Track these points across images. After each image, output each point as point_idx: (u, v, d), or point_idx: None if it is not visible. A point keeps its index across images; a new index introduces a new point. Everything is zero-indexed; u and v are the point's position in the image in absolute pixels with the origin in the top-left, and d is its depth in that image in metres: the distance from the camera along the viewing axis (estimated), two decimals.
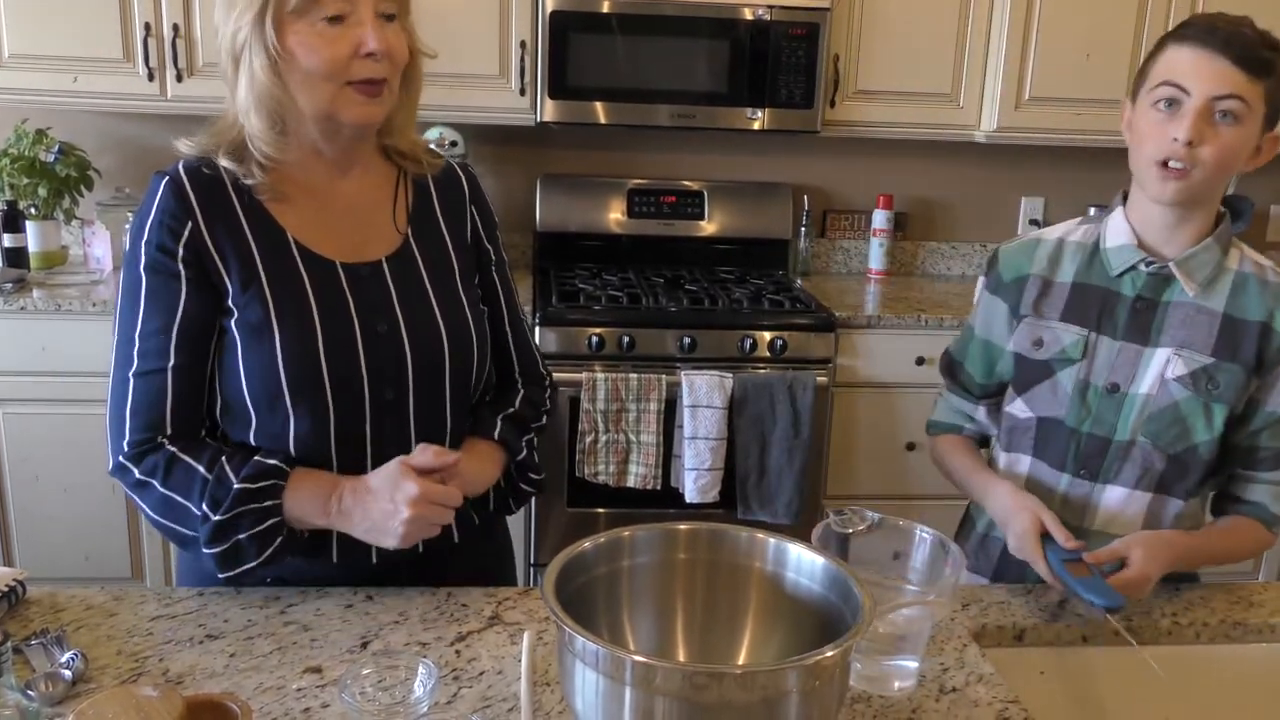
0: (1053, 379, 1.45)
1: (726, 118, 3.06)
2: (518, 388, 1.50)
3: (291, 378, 1.27)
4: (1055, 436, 1.46)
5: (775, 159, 3.48)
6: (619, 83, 3.00)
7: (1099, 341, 1.43)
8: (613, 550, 1.09)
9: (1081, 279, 1.46)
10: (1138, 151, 1.37)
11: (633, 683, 0.90)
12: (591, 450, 2.79)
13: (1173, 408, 1.40)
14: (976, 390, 1.59)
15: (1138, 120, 1.38)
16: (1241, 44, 1.29)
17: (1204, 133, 1.30)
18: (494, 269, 1.48)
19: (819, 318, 2.92)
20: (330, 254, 1.32)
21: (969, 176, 3.52)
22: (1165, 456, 1.42)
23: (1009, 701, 1.15)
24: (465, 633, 1.24)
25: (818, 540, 1.18)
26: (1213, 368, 1.39)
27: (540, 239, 3.36)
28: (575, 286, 3.04)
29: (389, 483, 1.23)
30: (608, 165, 3.43)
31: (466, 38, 2.95)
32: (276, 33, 1.21)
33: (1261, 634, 1.38)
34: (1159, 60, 1.35)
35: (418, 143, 1.41)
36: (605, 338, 2.82)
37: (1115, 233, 1.44)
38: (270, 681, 1.13)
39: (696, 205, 3.39)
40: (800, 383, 2.81)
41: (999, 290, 1.53)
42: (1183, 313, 1.40)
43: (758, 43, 3.00)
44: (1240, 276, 1.41)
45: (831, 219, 3.56)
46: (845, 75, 3.09)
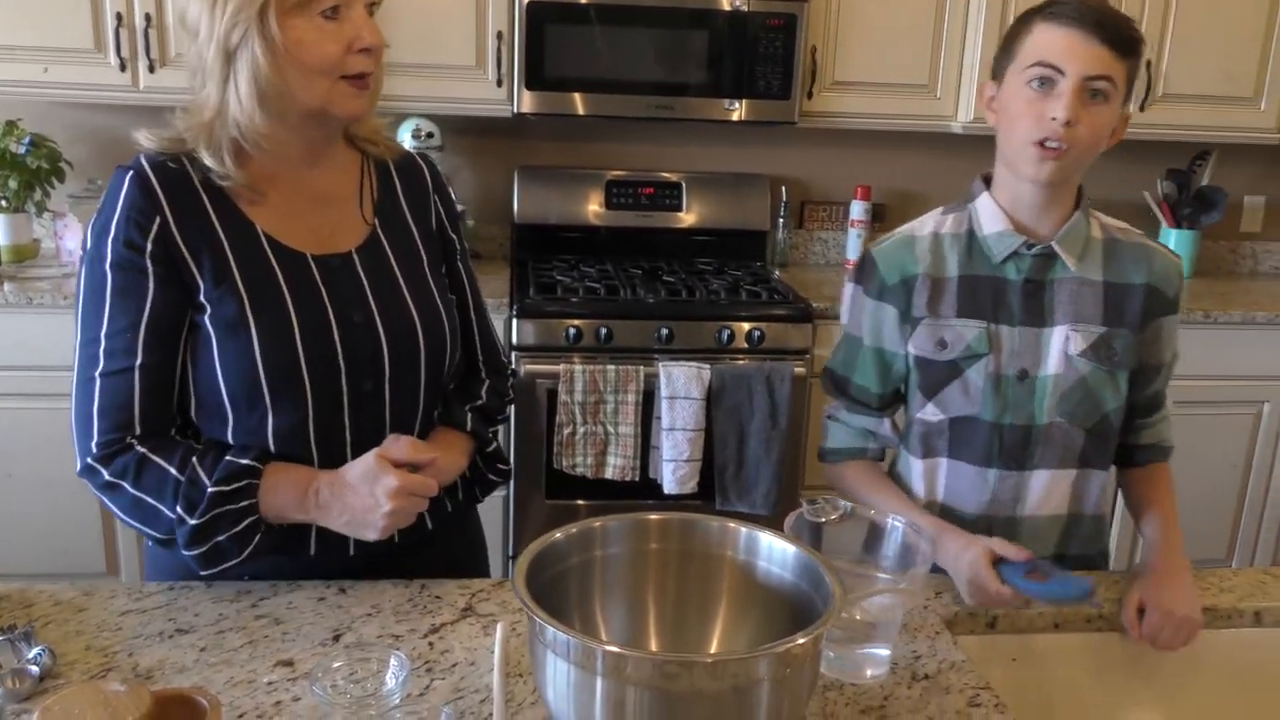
0: (962, 378, 1.43)
1: (704, 109, 3.06)
2: (482, 377, 1.51)
3: (270, 372, 1.26)
4: (974, 434, 1.44)
5: (753, 150, 3.48)
6: (596, 74, 2.99)
7: (999, 331, 1.42)
8: (584, 541, 1.09)
9: (966, 271, 1.44)
10: (1010, 132, 1.36)
11: (604, 673, 0.90)
12: (569, 442, 2.79)
13: (1081, 383, 1.42)
14: (875, 402, 1.52)
15: (1008, 100, 1.37)
16: (1113, 25, 1.31)
17: (1079, 112, 1.31)
18: (459, 259, 1.48)
19: (796, 309, 2.92)
20: (300, 246, 1.32)
21: (946, 167, 3.53)
22: (1083, 432, 1.44)
23: (980, 688, 1.16)
24: (438, 624, 1.24)
25: (791, 529, 1.18)
26: (1108, 335, 1.42)
27: (518, 231, 3.35)
28: (553, 278, 3.04)
29: (367, 476, 1.22)
30: (585, 157, 3.42)
31: (443, 28, 2.93)
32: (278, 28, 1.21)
33: (1231, 619, 1.39)
34: (1028, 39, 1.35)
35: (377, 126, 1.42)
36: (583, 329, 2.81)
37: (989, 219, 1.44)
38: (241, 675, 1.12)
39: (674, 197, 3.39)
40: (778, 374, 2.82)
41: (884, 295, 1.48)
42: (1069, 288, 1.42)
43: (735, 34, 2.99)
44: (1108, 244, 1.45)
45: (809, 210, 3.57)
46: (823, 66, 3.09)
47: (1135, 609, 1.34)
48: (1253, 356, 3.15)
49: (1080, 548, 1.50)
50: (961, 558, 1.33)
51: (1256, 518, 3.31)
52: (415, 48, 2.90)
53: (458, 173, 3.37)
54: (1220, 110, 3.22)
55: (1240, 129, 3.26)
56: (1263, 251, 3.82)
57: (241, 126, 1.25)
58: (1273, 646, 1.39)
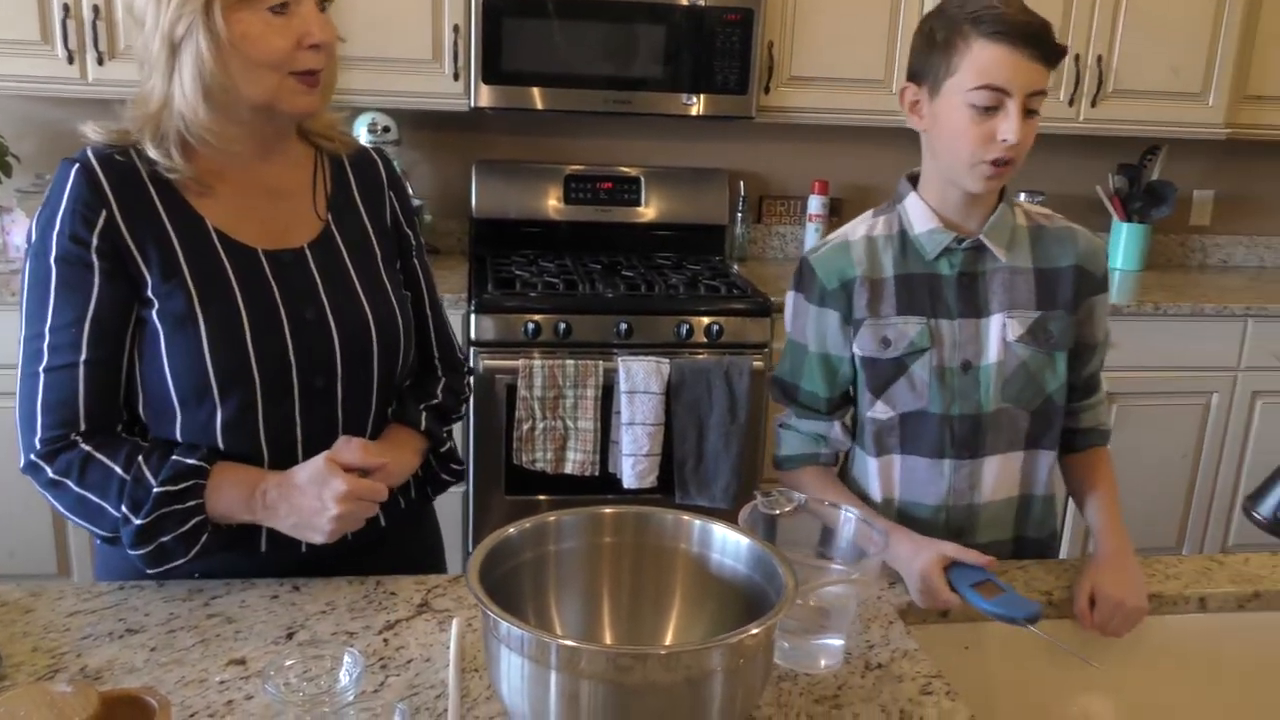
0: (908, 373, 1.45)
1: (662, 103, 3.06)
2: (438, 375, 1.50)
3: (219, 368, 1.25)
4: (925, 427, 1.46)
5: (711, 145, 3.49)
6: (554, 68, 2.99)
7: (939, 325, 1.45)
8: (538, 535, 1.09)
9: (902, 270, 1.46)
10: (952, 146, 1.37)
11: (558, 666, 0.90)
12: (529, 437, 2.79)
13: (1022, 368, 1.45)
14: (824, 406, 1.53)
15: (946, 114, 1.36)
16: (1046, 39, 1.32)
17: (1022, 129, 1.34)
18: (414, 255, 1.47)
19: (755, 303, 2.93)
20: (251, 241, 1.30)
21: (902, 162, 3.50)
22: (1028, 415, 1.47)
23: (932, 676, 1.18)
24: (394, 621, 1.23)
25: (745, 522, 1.19)
26: (1043, 319, 1.45)
27: (476, 225, 3.34)
28: (511, 273, 3.03)
29: (316, 479, 1.21)
30: (544, 151, 3.42)
31: (398, 22, 2.91)
32: (224, 21, 1.19)
33: (1177, 605, 1.42)
34: (968, 55, 1.33)
35: (332, 121, 1.40)
36: (542, 324, 2.81)
37: (919, 219, 1.46)
38: (192, 675, 1.11)
39: (633, 191, 3.39)
40: (736, 368, 2.83)
41: (826, 300, 1.49)
42: (1001, 277, 1.46)
43: (692, 28, 3.00)
44: (1033, 231, 1.49)
45: (768, 204, 3.59)
46: (779, 62, 3.10)
47: (1087, 599, 1.36)
48: (1201, 348, 3.21)
49: (1035, 530, 1.53)
50: (913, 562, 1.34)
51: (1205, 506, 3.37)
52: (370, 41, 2.88)
53: (415, 167, 3.35)
54: (1169, 106, 3.28)
55: (1189, 124, 3.31)
56: (1211, 245, 3.89)
57: (186, 120, 1.23)
58: (1217, 631, 1.42)
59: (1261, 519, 1.01)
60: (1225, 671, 1.43)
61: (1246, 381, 3.27)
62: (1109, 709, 1.41)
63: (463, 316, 2.81)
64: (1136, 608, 1.35)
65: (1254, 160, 3.79)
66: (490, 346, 2.81)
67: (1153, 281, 3.48)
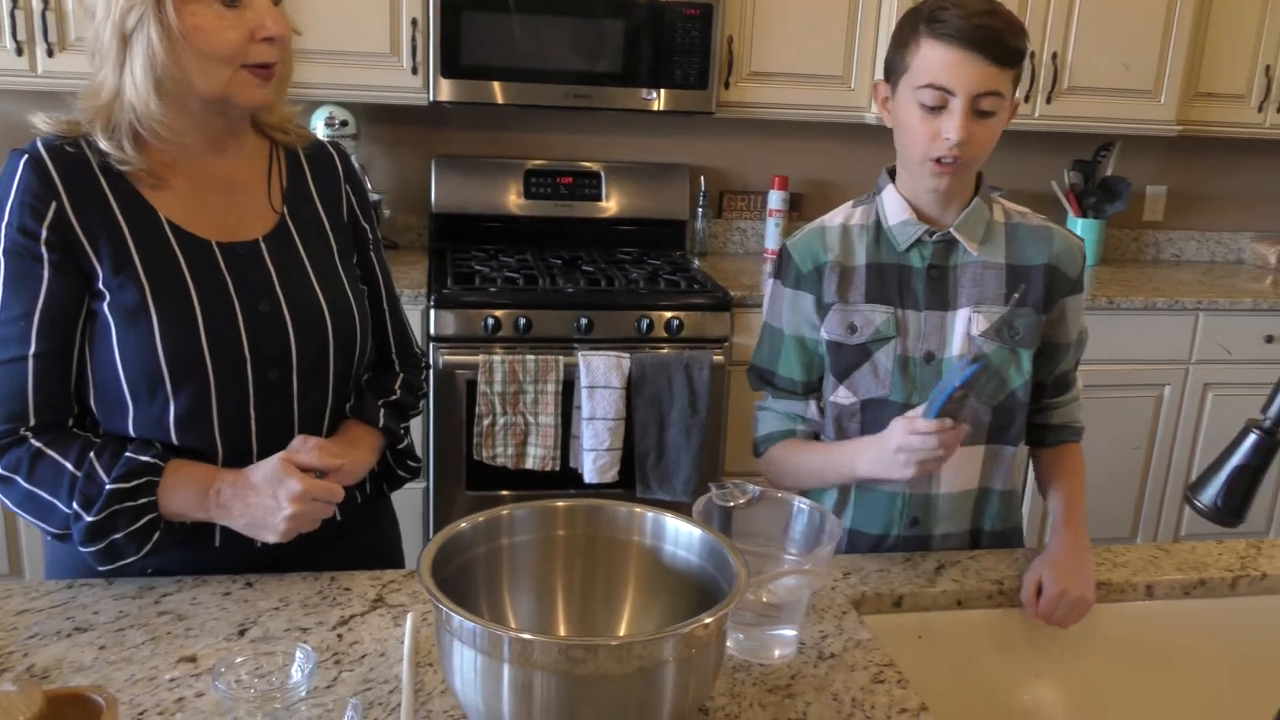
0: (871, 360, 1.47)
1: (623, 98, 3.06)
2: (395, 370, 1.49)
3: (171, 360, 1.24)
4: (885, 415, 1.46)
5: (672, 140, 3.49)
6: (514, 62, 2.98)
7: (906, 315, 1.47)
8: (491, 529, 1.09)
9: (874, 259, 1.48)
10: (909, 145, 1.41)
11: (510, 659, 0.90)
12: (489, 433, 2.78)
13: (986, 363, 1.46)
14: (800, 389, 1.55)
15: (901, 111, 1.41)
16: (998, 42, 1.32)
17: (970, 129, 1.34)
18: (371, 249, 1.46)
19: (715, 297, 2.94)
20: (205, 233, 1.29)
21: (861, 157, 3.58)
22: (990, 409, 1.48)
23: (884, 665, 1.19)
24: (348, 616, 1.23)
25: (700, 514, 1.20)
26: (1009, 315, 1.46)
27: (436, 220, 3.32)
28: (471, 268, 3.02)
29: (271, 479, 1.21)
30: (504, 146, 3.41)
31: (356, 15, 2.89)
32: (175, 12, 1.18)
33: (1125, 593, 1.44)
34: (916, 53, 1.36)
35: (288, 114, 1.39)
36: (502, 320, 2.80)
37: (894, 210, 1.48)
38: (142, 673, 1.10)
39: (594, 186, 3.39)
40: (697, 362, 2.84)
41: (800, 283, 1.51)
42: (972, 271, 1.47)
43: (653, 23, 3.00)
44: (1009, 228, 1.50)
45: (728, 199, 3.60)
46: (739, 57, 3.11)
47: (1034, 587, 1.38)
48: (1154, 341, 3.27)
49: (993, 523, 1.55)
50: (886, 442, 1.34)
51: (1159, 497, 3.43)
52: (328, 34, 2.86)
53: (373, 161, 3.33)
54: (1123, 103, 3.32)
55: (1142, 121, 3.36)
56: (1164, 240, 3.95)
57: (138, 112, 1.22)
58: (1163, 618, 1.45)
59: (1203, 506, 1.02)
60: (1172, 658, 1.46)
61: (1198, 374, 3.33)
62: (1058, 696, 1.43)
63: (422, 312, 2.79)
64: (1080, 598, 1.36)
65: (1205, 156, 3.85)
66: (450, 342, 2.80)
67: (1107, 276, 3.53)
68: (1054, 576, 1.37)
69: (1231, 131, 3.52)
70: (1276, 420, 1.00)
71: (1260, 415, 1.01)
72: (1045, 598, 1.37)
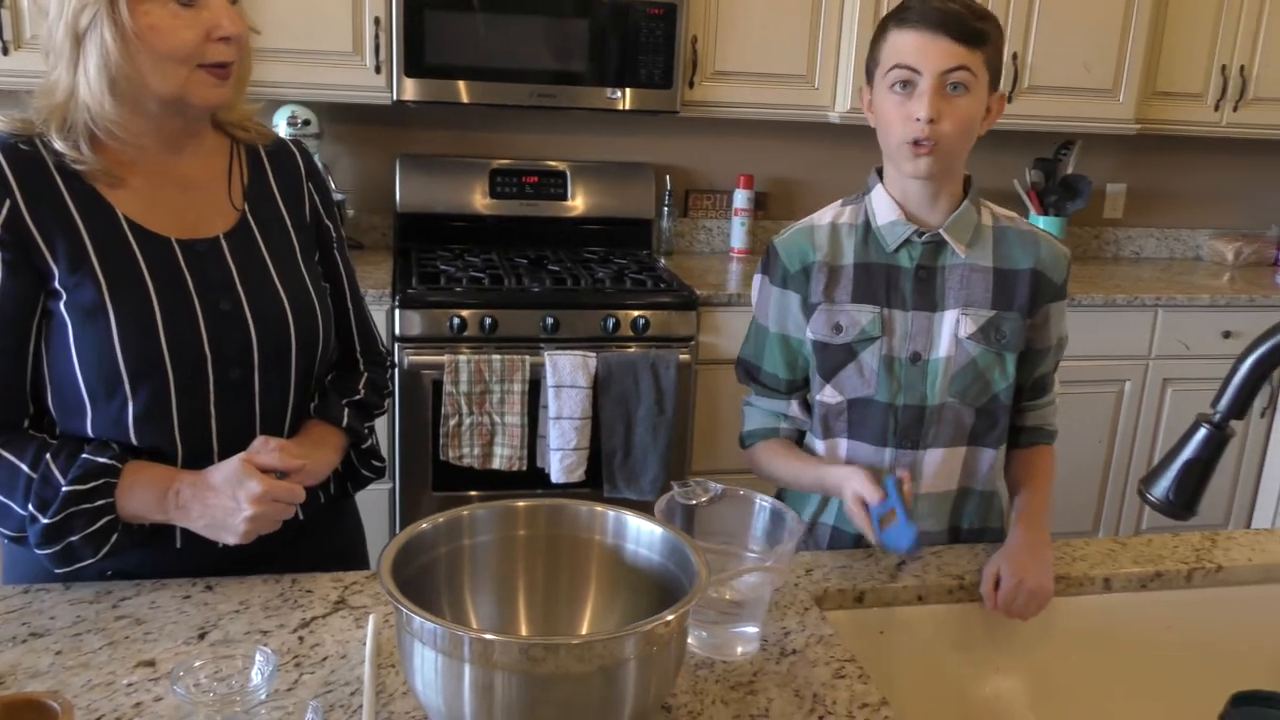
0: (857, 360, 1.48)
1: (587, 97, 3.06)
2: (360, 369, 1.49)
3: (130, 360, 1.23)
4: (870, 415, 1.49)
5: (637, 139, 3.49)
6: (478, 61, 2.97)
7: (892, 315, 1.48)
8: (452, 530, 1.09)
9: (862, 259, 1.49)
10: (886, 134, 1.43)
11: (471, 659, 0.90)
12: (455, 433, 2.77)
13: (971, 365, 1.48)
14: (783, 387, 1.57)
15: (879, 104, 1.44)
16: (956, 20, 1.36)
17: (941, 108, 1.37)
18: (335, 247, 1.46)
19: (680, 296, 2.95)
20: (164, 231, 1.28)
21: (826, 157, 3.61)
22: (973, 411, 1.50)
23: (846, 660, 1.20)
24: (309, 619, 1.22)
25: (662, 512, 1.20)
26: (996, 319, 1.47)
27: (401, 220, 3.31)
28: (436, 268, 3.01)
29: (231, 479, 1.20)
30: (469, 145, 3.40)
31: (318, 13, 2.87)
32: (129, 12, 1.17)
33: (1084, 586, 1.46)
34: (885, 45, 1.41)
35: (248, 113, 1.38)
36: (467, 319, 2.79)
37: (882, 210, 1.49)
38: (99, 678, 1.09)
39: (559, 185, 3.39)
40: (663, 361, 2.84)
41: (788, 282, 1.53)
42: (959, 274, 1.48)
43: (617, 22, 3.00)
44: (997, 231, 1.51)
45: (694, 198, 3.61)
46: (703, 56, 3.12)
47: (992, 580, 1.40)
48: (1115, 337, 3.31)
49: (971, 521, 1.56)
50: (841, 492, 1.42)
51: (1120, 491, 3.47)
52: (289, 33, 2.84)
53: (337, 161, 3.31)
54: (1082, 101, 3.36)
55: (1101, 119, 3.41)
56: (1124, 237, 4.01)
57: (93, 112, 1.21)
58: (1121, 610, 1.47)
59: (1155, 500, 1.04)
60: (1129, 649, 1.48)
61: (1157, 369, 3.38)
62: (1019, 688, 1.45)
63: (387, 312, 2.78)
64: (1037, 587, 1.37)
65: (1163, 154, 3.91)
66: (415, 342, 2.79)
67: None
68: (1011, 568, 1.39)
69: (1189, 130, 3.58)
70: (1226, 414, 1.01)
71: (1210, 410, 1.03)
72: (1003, 589, 1.38)
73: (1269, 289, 3.51)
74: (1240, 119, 3.57)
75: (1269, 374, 0.99)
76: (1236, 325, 3.38)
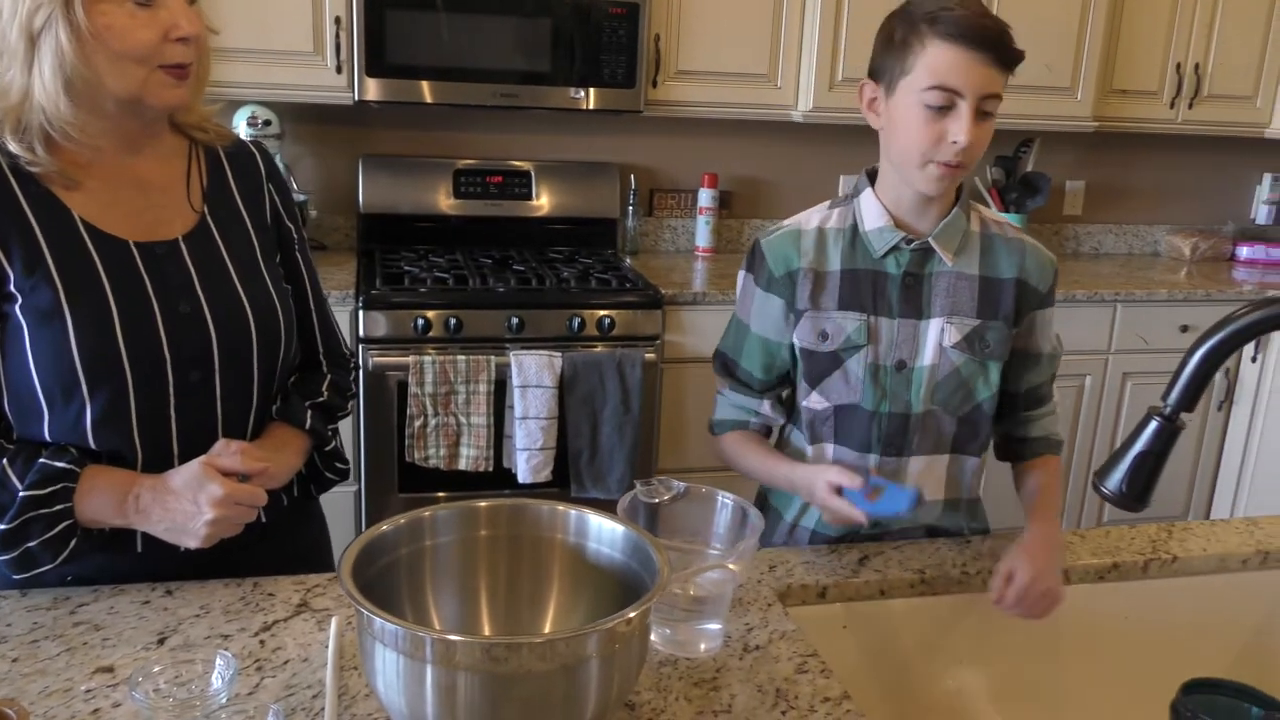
0: (843, 368, 1.47)
1: (551, 97, 3.06)
2: (323, 371, 1.48)
3: (87, 363, 1.22)
4: (855, 421, 1.48)
5: (601, 138, 3.50)
6: (441, 61, 2.96)
7: (879, 323, 1.46)
8: (413, 531, 1.09)
9: (849, 265, 1.47)
10: (905, 145, 1.38)
11: (433, 660, 0.90)
12: (421, 434, 2.76)
13: (954, 374, 1.47)
14: (758, 386, 1.56)
15: (900, 113, 1.37)
16: (997, 41, 1.32)
17: (974, 131, 1.33)
18: (296, 249, 1.45)
19: (646, 295, 2.95)
20: (122, 233, 1.27)
21: (789, 155, 3.63)
22: (955, 420, 1.49)
23: (808, 655, 1.21)
24: (270, 622, 1.22)
25: (625, 511, 1.20)
26: (981, 328, 1.46)
27: (364, 221, 3.29)
28: (400, 269, 2.99)
29: (192, 483, 1.19)
30: (433, 145, 3.38)
31: (277, 13, 2.85)
32: (85, 12, 1.15)
33: None
34: (922, 55, 1.34)
35: (206, 114, 1.37)
36: (432, 320, 2.78)
37: (871, 215, 1.46)
38: (56, 685, 1.08)
39: (524, 185, 3.38)
40: (629, 360, 2.85)
41: (771, 286, 1.50)
42: (946, 281, 1.46)
43: (580, 22, 3.00)
44: (985, 239, 1.49)
45: (659, 198, 3.61)
46: (666, 55, 3.13)
47: (1003, 579, 1.36)
48: (1075, 333, 3.35)
49: (949, 524, 1.56)
50: (813, 495, 1.39)
51: (1082, 484, 3.52)
52: (249, 32, 2.81)
53: (299, 162, 3.28)
54: (1042, 100, 3.40)
55: (1060, 117, 3.45)
56: (1083, 233, 4.06)
57: (48, 113, 1.19)
58: (1079, 601, 1.49)
59: (1108, 492, 1.06)
60: (1088, 639, 1.50)
61: (1117, 363, 3.43)
62: (980, 679, 1.47)
63: (351, 313, 2.76)
64: (1048, 589, 1.34)
65: (1121, 151, 3.96)
66: (380, 343, 2.78)
67: None
68: (1027, 566, 1.35)
69: (1145, 127, 3.63)
70: (1176, 407, 1.03)
71: (1161, 403, 1.05)
72: (1016, 586, 1.34)
73: (1225, 283, 3.57)
74: (1195, 116, 3.63)
75: (1218, 366, 1.01)
76: (1194, 319, 3.43)
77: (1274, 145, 3.91)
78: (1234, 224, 4.14)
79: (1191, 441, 3.58)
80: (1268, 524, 1.65)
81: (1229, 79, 3.62)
